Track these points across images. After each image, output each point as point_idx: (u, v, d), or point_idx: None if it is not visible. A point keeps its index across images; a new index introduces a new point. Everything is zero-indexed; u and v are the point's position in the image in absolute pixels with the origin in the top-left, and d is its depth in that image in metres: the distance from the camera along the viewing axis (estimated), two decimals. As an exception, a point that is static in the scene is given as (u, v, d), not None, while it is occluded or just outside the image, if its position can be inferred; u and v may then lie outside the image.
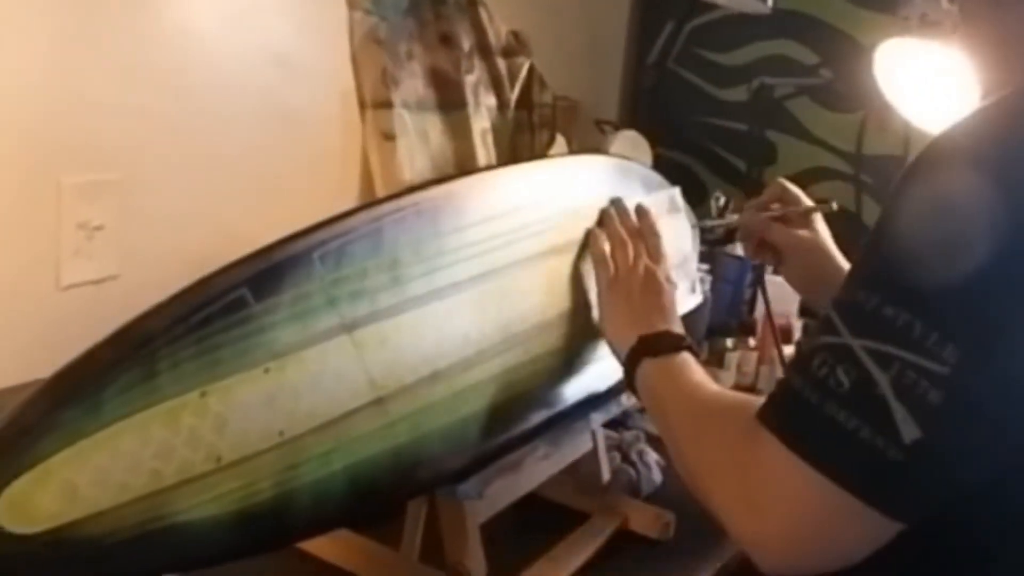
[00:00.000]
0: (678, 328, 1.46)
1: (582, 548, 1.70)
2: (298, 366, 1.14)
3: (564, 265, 1.59)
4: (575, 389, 1.60)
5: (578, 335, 1.59)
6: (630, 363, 1.41)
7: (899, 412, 0.89)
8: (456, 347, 1.37)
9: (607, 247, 1.59)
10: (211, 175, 2.06)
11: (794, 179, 1.82)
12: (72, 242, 1.79)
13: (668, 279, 1.56)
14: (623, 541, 1.77)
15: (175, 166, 1.98)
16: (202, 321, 1.07)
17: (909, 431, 0.88)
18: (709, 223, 1.99)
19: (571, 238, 1.60)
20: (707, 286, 2.54)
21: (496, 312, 1.44)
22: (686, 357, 1.37)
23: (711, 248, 2.48)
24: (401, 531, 1.56)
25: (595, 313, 1.56)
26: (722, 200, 2.42)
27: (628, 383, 1.43)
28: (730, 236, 2.61)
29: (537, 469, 1.61)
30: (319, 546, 1.57)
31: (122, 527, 0.99)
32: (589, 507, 1.83)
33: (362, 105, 1.46)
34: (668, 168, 2.02)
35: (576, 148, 2.57)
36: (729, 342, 2.63)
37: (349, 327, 1.21)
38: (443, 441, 1.35)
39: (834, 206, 1.79)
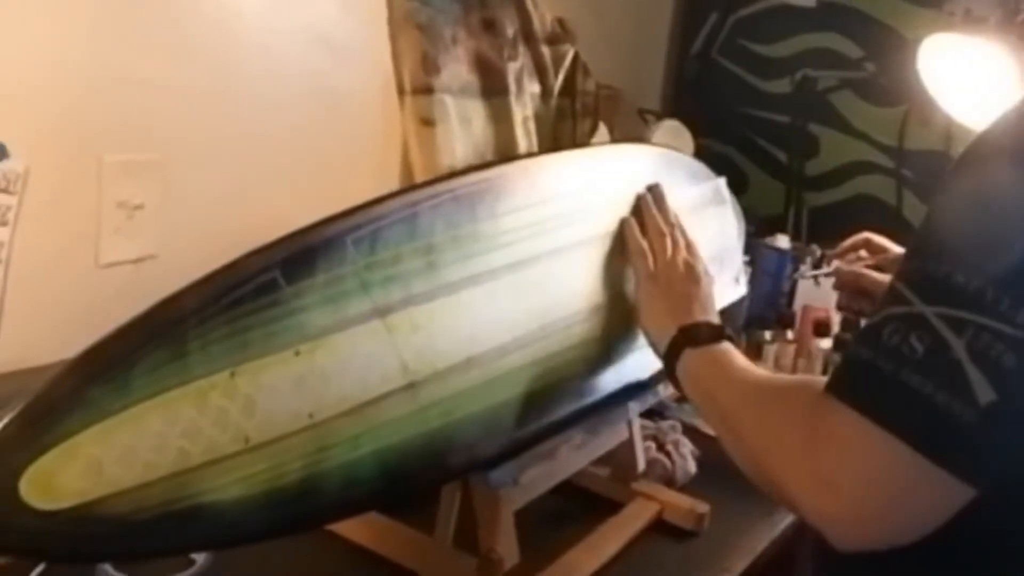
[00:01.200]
0: (716, 319, 1.45)
1: (615, 537, 1.69)
2: (329, 350, 1.13)
3: (602, 254, 1.56)
4: (611, 378, 1.59)
5: (615, 324, 1.57)
6: (671, 354, 1.40)
7: (974, 374, 0.89)
8: (491, 334, 1.35)
9: (644, 238, 1.57)
10: (252, 157, 2.05)
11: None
12: (112, 220, 1.78)
13: (706, 270, 1.55)
14: (657, 531, 1.76)
15: (216, 147, 1.97)
16: (233, 302, 1.06)
17: (984, 393, 0.88)
18: (808, 274, 2.02)
19: (611, 228, 1.58)
20: (746, 278, 2.50)
21: (532, 300, 1.42)
22: (728, 346, 1.36)
23: (750, 239, 2.45)
24: (435, 516, 1.55)
25: (633, 304, 1.53)
26: (820, 252, 2.44)
27: (668, 374, 1.41)
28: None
29: (572, 457, 1.59)
30: (351, 529, 1.57)
31: (147, 506, 0.98)
32: (623, 496, 1.81)
33: (401, 91, 1.44)
34: (710, 159, 2.00)
35: (618, 137, 2.54)
36: (767, 334, 2.61)
37: (382, 312, 1.19)
38: (476, 428, 1.33)
39: None
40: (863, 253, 1.82)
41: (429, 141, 1.44)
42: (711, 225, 1.70)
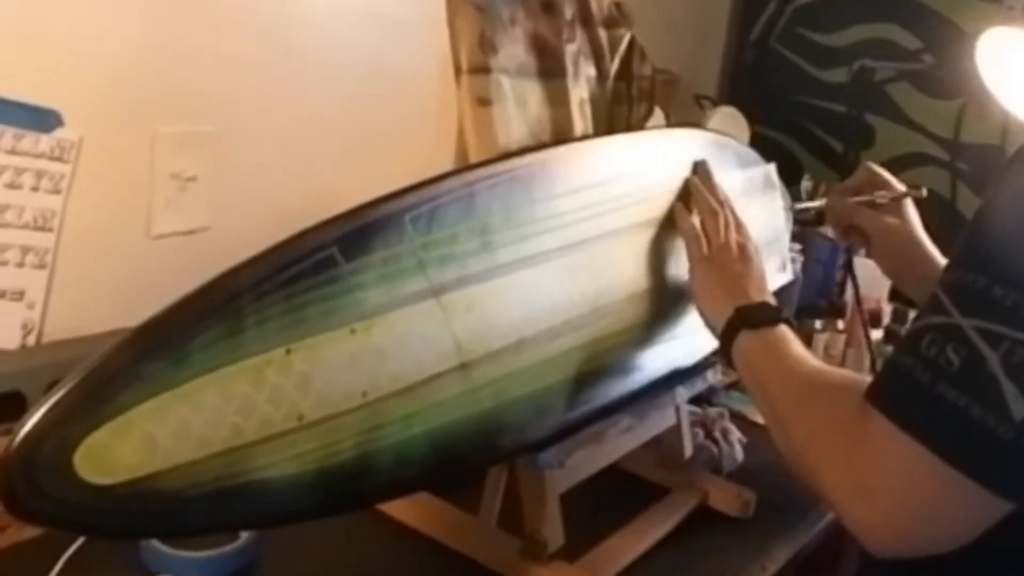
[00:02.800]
0: (772, 299, 1.43)
1: (660, 523, 1.68)
2: (384, 328, 1.12)
3: (655, 238, 1.55)
4: (661, 363, 1.58)
5: (667, 309, 1.56)
6: (727, 335, 1.37)
7: (1009, 390, 0.87)
8: (544, 316, 1.34)
9: (697, 220, 1.54)
10: (306, 131, 2.03)
11: (889, 164, 1.77)
12: (164, 192, 1.77)
13: (756, 249, 1.52)
14: (702, 518, 1.74)
15: (271, 120, 1.95)
16: (291, 279, 1.04)
17: (1019, 408, 0.86)
18: (798, 206, 1.94)
19: (663, 212, 1.57)
20: (798, 266, 2.51)
21: (585, 282, 1.41)
22: (784, 330, 1.34)
23: (804, 229, 2.43)
24: (480, 497, 1.54)
25: (686, 287, 1.51)
26: (812, 184, 2.38)
27: (724, 356, 1.39)
28: (820, 218, 2.57)
29: (619, 441, 1.58)
30: (398, 508, 1.56)
31: (200, 482, 0.97)
32: (669, 482, 1.80)
33: (457, 70, 1.43)
34: (764, 146, 1.98)
35: (674, 122, 2.52)
36: (817, 323, 2.58)
37: (437, 291, 1.18)
38: (526, 409, 1.33)
39: (924, 192, 1.75)
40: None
41: (485, 121, 1.42)
42: (760, 211, 1.67)
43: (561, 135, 1.54)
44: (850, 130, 3.34)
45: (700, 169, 1.62)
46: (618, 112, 1.72)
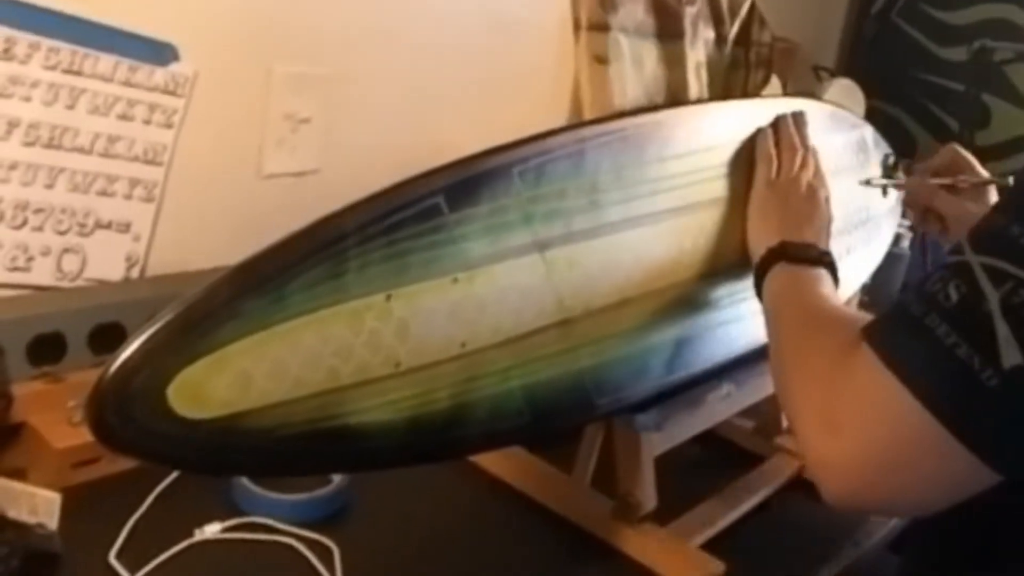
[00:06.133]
0: (825, 246, 1.34)
1: (754, 491, 1.65)
2: (487, 279, 1.09)
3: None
4: (763, 331, 1.53)
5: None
6: (764, 264, 1.31)
7: (1002, 332, 0.78)
8: (648, 277, 1.31)
9: (773, 147, 1.46)
10: (420, 78, 1.99)
11: (1003, 146, 1.69)
12: (277, 132, 1.74)
13: (828, 199, 1.44)
14: (796, 489, 1.70)
15: (386, 65, 1.91)
16: (395, 225, 1.02)
17: (1010, 355, 0.78)
18: (874, 182, 1.85)
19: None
20: (906, 243, 2.48)
21: (691, 247, 1.38)
22: (822, 272, 1.27)
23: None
24: (575, 455, 1.52)
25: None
26: (892, 159, 2.31)
27: (756, 286, 1.31)
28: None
29: (718, 407, 1.56)
30: (492, 462, 1.55)
31: (292, 422, 0.95)
32: (765, 450, 1.77)
33: (576, 26, 1.40)
34: (880, 120, 1.92)
35: (790, 91, 2.46)
36: None
37: (542, 246, 1.15)
38: (625, 370, 1.30)
39: (1010, 181, 1.65)
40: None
41: (601, 78, 1.40)
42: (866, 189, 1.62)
43: (676, 97, 1.51)
44: (966, 109, 3.25)
45: (796, 115, 1.53)
46: (735, 78, 1.69)
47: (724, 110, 1.52)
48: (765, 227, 1.38)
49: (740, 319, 1.47)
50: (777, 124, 1.50)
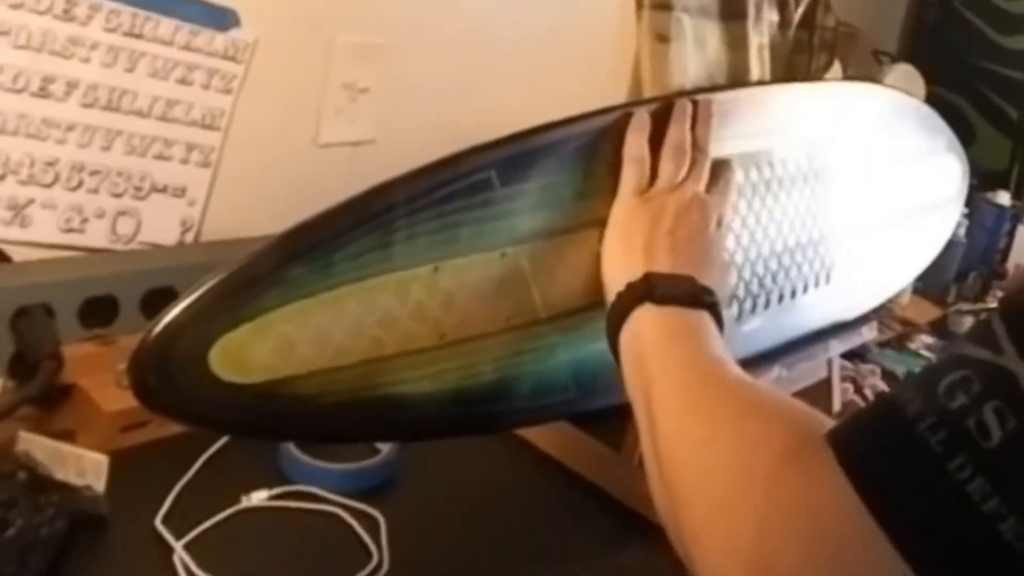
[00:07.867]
0: (708, 282, 1.01)
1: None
2: (535, 255, 1.08)
3: (817, 190, 1.46)
4: (816, 315, 1.51)
5: (829, 262, 1.49)
6: (621, 305, 1.00)
7: None
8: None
9: (648, 145, 1.13)
10: (480, 52, 1.98)
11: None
12: (335, 101, 1.73)
13: (722, 225, 1.14)
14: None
15: (446, 38, 1.90)
16: (445, 197, 1.01)
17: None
18: None
19: (831, 164, 1.47)
20: (963, 230, 2.47)
21: (745, 230, 1.34)
22: (705, 319, 0.97)
23: (971, 191, 2.35)
24: (623, 433, 1.49)
25: (850, 241, 1.42)
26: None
27: (609, 335, 1.02)
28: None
29: (767, 391, 1.51)
30: (539, 436, 1.53)
31: (335, 390, 0.94)
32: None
33: (639, 4, 1.38)
34: (939, 107, 1.88)
35: (851, 75, 2.43)
36: (963, 306, 2.54)
37: (594, 223, 1.12)
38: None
39: None
40: None
41: (662, 57, 1.38)
42: (918, 177, 1.59)
43: (737, 78, 1.49)
44: (1026, 99, 3.25)
45: (701, 106, 1.18)
46: (798, 61, 1.67)
47: (786, 92, 1.49)
48: (625, 254, 1.07)
49: (795, 303, 1.45)
50: (661, 114, 1.15)
